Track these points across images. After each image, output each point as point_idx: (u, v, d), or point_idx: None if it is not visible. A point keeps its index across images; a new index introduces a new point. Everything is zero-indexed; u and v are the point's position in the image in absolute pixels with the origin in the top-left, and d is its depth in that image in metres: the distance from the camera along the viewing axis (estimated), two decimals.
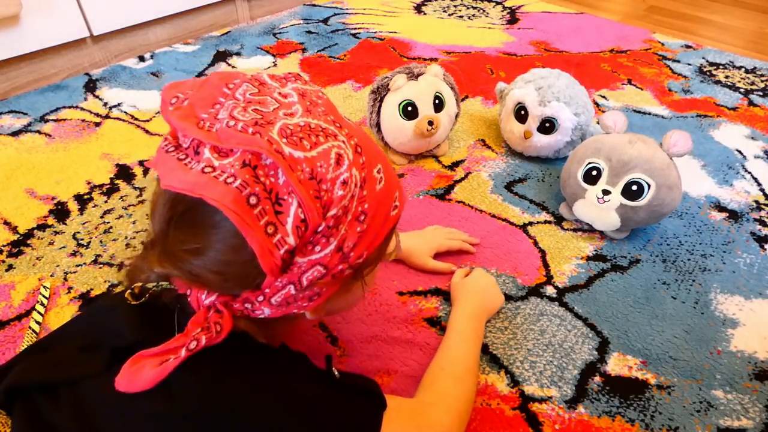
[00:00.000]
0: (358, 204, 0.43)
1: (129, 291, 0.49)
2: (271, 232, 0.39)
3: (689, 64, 1.52)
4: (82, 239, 0.90)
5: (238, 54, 1.53)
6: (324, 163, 0.41)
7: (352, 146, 0.43)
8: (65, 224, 0.93)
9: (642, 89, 1.39)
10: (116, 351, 0.46)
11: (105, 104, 1.29)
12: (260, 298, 0.44)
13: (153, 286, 0.49)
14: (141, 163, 1.09)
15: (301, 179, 0.39)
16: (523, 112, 1.05)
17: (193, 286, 0.45)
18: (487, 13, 1.83)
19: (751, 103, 1.34)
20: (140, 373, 0.41)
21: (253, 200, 0.38)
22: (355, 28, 1.68)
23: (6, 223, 0.93)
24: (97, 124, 1.21)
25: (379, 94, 1.04)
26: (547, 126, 1.03)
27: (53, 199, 0.98)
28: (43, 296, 0.79)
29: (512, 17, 1.80)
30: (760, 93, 1.39)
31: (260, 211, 0.38)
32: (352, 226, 0.43)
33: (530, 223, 0.96)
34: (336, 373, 0.51)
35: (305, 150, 0.40)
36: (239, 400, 0.44)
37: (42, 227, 0.93)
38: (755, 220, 0.98)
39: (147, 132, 1.19)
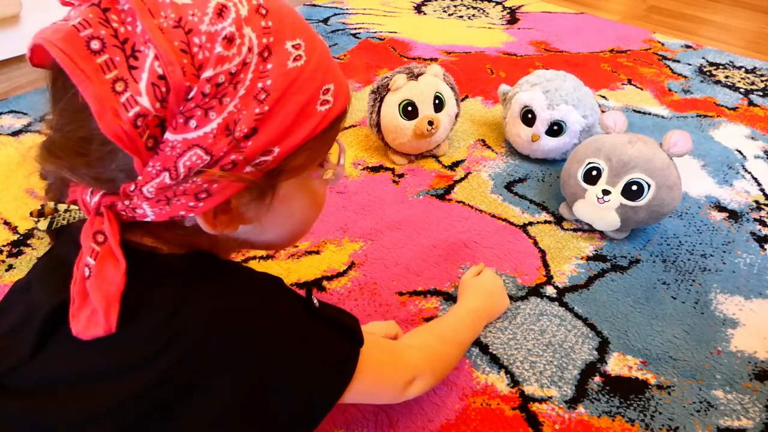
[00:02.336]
0: (255, 77, 0.35)
1: (38, 210, 0.41)
2: (120, 90, 0.32)
3: (689, 64, 1.52)
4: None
5: None
6: (198, 11, 0.33)
7: (251, 4, 0.36)
8: None
9: (642, 89, 1.39)
10: (47, 321, 0.39)
11: None
12: (132, 188, 0.35)
13: (64, 210, 0.41)
14: None
15: (162, 26, 0.32)
16: (530, 116, 1.05)
17: (76, 180, 0.37)
18: (487, 13, 1.83)
19: (751, 103, 1.34)
20: (93, 320, 0.36)
21: (95, 45, 0.32)
22: (355, 28, 1.68)
23: (6, 223, 0.93)
24: None
25: (379, 94, 1.04)
26: (555, 129, 1.03)
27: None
28: None
29: (512, 17, 1.80)
30: (760, 93, 1.39)
31: (106, 61, 0.32)
32: (247, 105, 0.35)
33: (530, 223, 0.96)
34: (315, 302, 0.47)
35: None
36: (216, 321, 0.40)
37: None
38: (755, 220, 0.98)
39: None
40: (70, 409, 0.38)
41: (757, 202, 1.03)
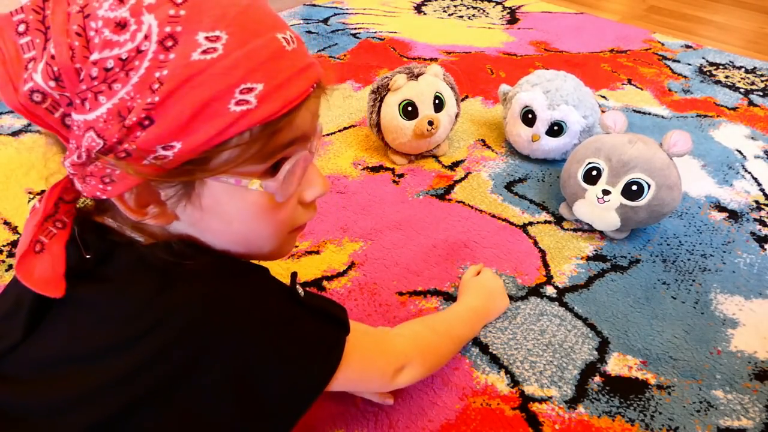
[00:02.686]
0: (153, 66, 0.34)
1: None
2: (30, 68, 0.34)
3: (689, 64, 1.52)
4: None
5: None
6: None
7: None
8: None
9: (642, 89, 1.39)
10: (33, 305, 0.41)
11: None
12: (62, 160, 0.39)
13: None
14: None
15: (69, 12, 0.34)
16: (530, 116, 1.04)
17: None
18: (487, 13, 1.83)
19: (751, 103, 1.34)
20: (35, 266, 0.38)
21: (21, 27, 0.35)
22: (355, 28, 1.68)
23: (6, 223, 0.93)
24: None
25: (379, 94, 1.04)
26: (556, 129, 1.03)
27: None
28: None
29: (512, 17, 1.80)
30: (760, 93, 1.39)
31: (27, 43, 0.34)
32: (141, 93, 0.34)
33: (530, 223, 0.96)
34: (300, 291, 0.47)
35: None
36: (203, 309, 0.40)
37: None
38: (755, 220, 0.98)
39: None
40: (58, 392, 0.39)
41: (757, 202, 1.03)
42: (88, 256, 0.41)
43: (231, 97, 0.36)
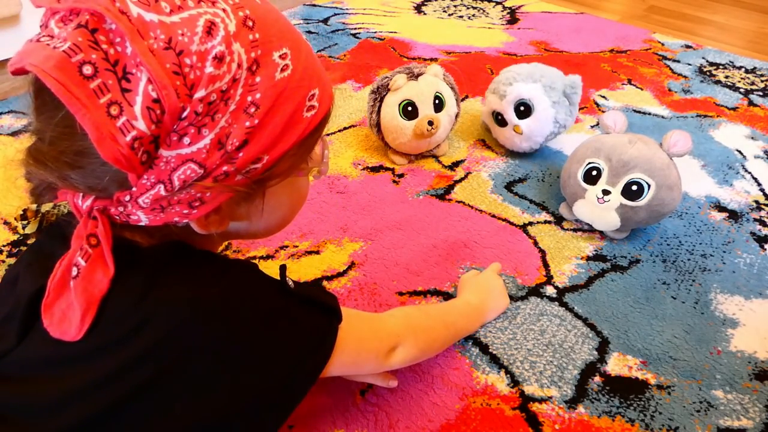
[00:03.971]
0: (245, 91, 0.36)
1: (20, 214, 0.42)
2: (115, 114, 0.32)
3: (689, 64, 1.52)
4: None
5: None
6: (188, 31, 0.33)
7: (238, 17, 0.36)
8: None
9: (642, 89, 1.39)
10: (28, 308, 0.40)
11: None
12: (127, 198, 0.37)
13: (51, 208, 0.43)
14: None
15: (153, 48, 0.32)
16: (500, 117, 1.06)
17: (67, 188, 0.39)
18: (487, 13, 1.83)
19: (751, 103, 1.34)
20: (68, 316, 0.37)
21: (87, 70, 0.32)
22: (355, 28, 1.68)
23: (6, 223, 0.93)
24: None
25: (379, 94, 1.04)
26: (523, 109, 1.03)
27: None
28: None
29: (512, 17, 1.80)
30: (760, 93, 1.39)
31: (99, 86, 0.32)
32: (238, 118, 0.36)
33: (530, 223, 0.96)
34: (290, 283, 0.47)
35: (161, 13, 0.33)
36: (190, 309, 0.40)
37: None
38: (755, 220, 0.98)
39: None
40: (49, 391, 0.39)
41: (757, 202, 1.03)
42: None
43: (304, 105, 0.40)
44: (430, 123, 1.00)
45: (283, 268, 0.48)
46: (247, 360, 0.42)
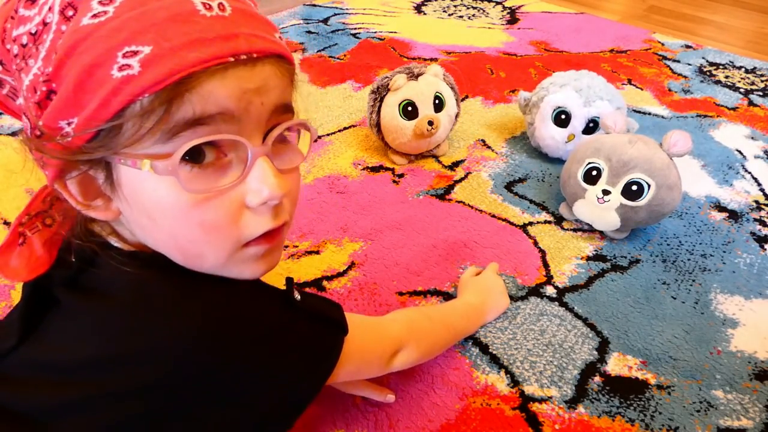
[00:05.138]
0: (55, 37, 0.33)
1: None
2: None
3: (689, 64, 1.52)
4: None
5: None
6: None
7: None
8: None
9: (642, 89, 1.39)
10: (28, 310, 0.40)
11: None
12: None
13: None
14: None
15: None
16: (563, 116, 1.04)
17: None
18: (487, 13, 1.83)
19: (751, 103, 1.34)
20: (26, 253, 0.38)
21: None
22: (355, 28, 1.68)
23: (6, 223, 0.93)
24: None
25: (379, 94, 1.04)
26: (591, 126, 1.03)
27: None
28: None
29: (512, 17, 1.80)
30: (760, 93, 1.39)
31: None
32: (45, 66, 0.34)
33: (530, 223, 0.96)
34: (297, 296, 0.46)
35: None
36: (195, 322, 0.39)
37: None
38: (755, 220, 0.98)
39: None
40: (44, 397, 0.38)
41: (757, 202, 1.03)
42: (73, 259, 0.40)
43: (113, 62, 0.32)
44: (430, 123, 1.00)
45: (290, 280, 0.47)
46: (250, 377, 0.42)
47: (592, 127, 1.03)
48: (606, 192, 0.86)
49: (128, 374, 0.38)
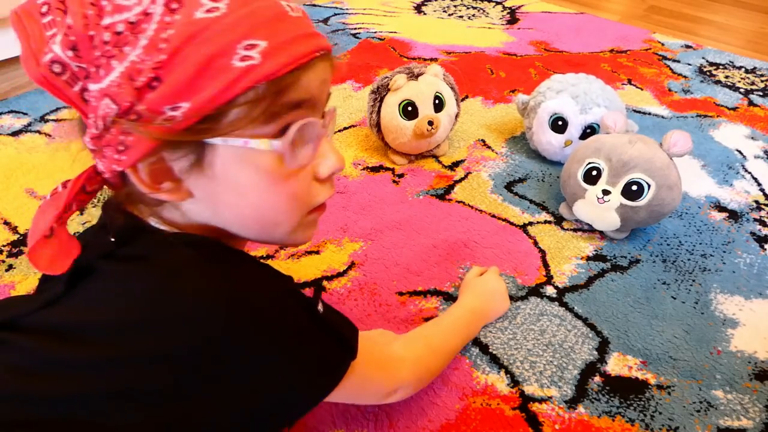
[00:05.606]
0: (159, 27, 0.35)
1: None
2: (51, 42, 0.36)
3: (689, 64, 1.52)
4: None
5: None
6: None
7: None
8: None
9: (642, 89, 1.39)
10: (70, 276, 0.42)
11: None
12: (85, 139, 0.39)
13: None
14: None
15: None
16: (560, 123, 1.04)
17: None
18: (487, 13, 1.83)
19: (751, 103, 1.34)
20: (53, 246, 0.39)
21: (44, 8, 0.36)
22: (355, 28, 1.68)
23: (6, 223, 0.93)
24: None
25: (379, 94, 1.04)
26: (588, 132, 1.03)
27: None
28: None
29: (512, 17, 1.80)
30: (760, 93, 1.39)
31: (50, 21, 0.36)
32: (149, 54, 0.35)
33: (530, 223, 0.96)
34: (320, 307, 0.48)
35: None
36: (223, 301, 0.41)
37: None
38: (755, 220, 0.98)
39: None
40: (75, 353, 0.40)
41: (757, 202, 1.03)
42: (112, 240, 0.42)
43: (234, 53, 0.36)
44: (430, 123, 1.00)
45: (318, 290, 0.49)
46: (259, 366, 0.43)
47: (589, 133, 1.03)
48: (606, 192, 0.86)
49: (148, 340, 0.39)
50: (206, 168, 0.40)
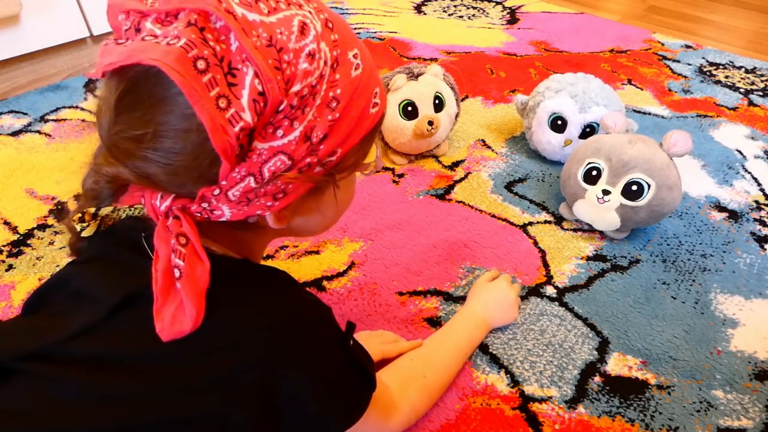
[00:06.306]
0: (328, 87, 0.38)
1: (78, 216, 0.43)
2: (224, 106, 0.34)
3: (689, 64, 1.52)
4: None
5: None
6: (285, 30, 0.36)
7: (321, 20, 0.38)
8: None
9: (642, 89, 1.39)
10: (115, 308, 0.41)
11: None
12: (216, 192, 0.38)
13: (110, 212, 0.44)
14: None
15: (257, 45, 0.34)
16: (560, 122, 1.04)
17: (144, 188, 0.39)
18: (487, 13, 1.83)
19: (751, 103, 1.34)
20: (178, 317, 0.38)
21: (201, 65, 0.33)
22: (355, 28, 1.68)
23: (6, 223, 0.93)
24: None
25: None
26: (588, 131, 1.03)
27: (53, 199, 0.98)
28: None
29: (512, 17, 1.80)
30: (760, 93, 1.39)
31: (210, 80, 0.33)
32: (322, 113, 0.38)
33: (530, 223, 0.96)
34: (351, 341, 0.50)
35: (261, 13, 0.35)
36: (275, 341, 0.42)
37: (42, 227, 0.93)
38: (755, 220, 0.98)
39: None
40: (122, 384, 0.39)
41: (757, 202, 1.03)
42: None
43: (371, 102, 0.43)
44: (430, 123, 1.00)
45: (350, 326, 0.50)
46: (291, 394, 0.44)
47: (588, 132, 1.03)
48: (606, 192, 0.86)
49: (199, 367, 0.40)
50: (325, 193, 0.45)
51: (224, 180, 0.37)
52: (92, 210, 0.42)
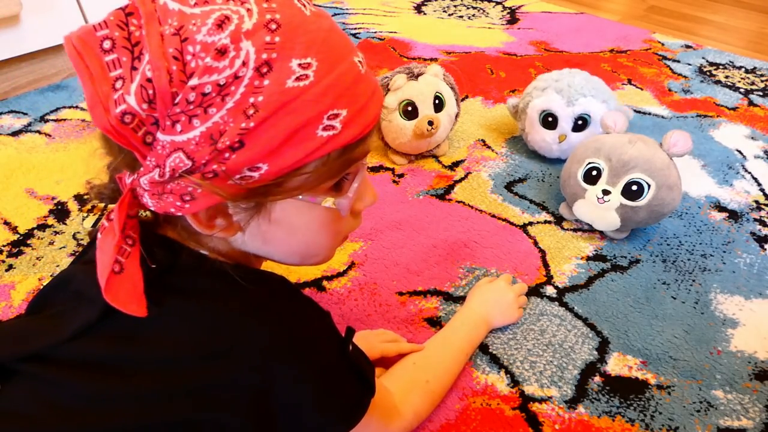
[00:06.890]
0: (248, 91, 0.34)
1: (87, 209, 0.43)
2: (118, 87, 0.34)
3: (689, 64, 1.52)
4: (82, 239, 0.90)
5: None
6: (200, 21, 0.34)
7: (262, 18, 0.35)
8: (65, 224, 0.93)
9: (642, 89, 1.39)
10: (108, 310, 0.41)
11: None
12: (135, 176, 0.38)
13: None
14: None
15: (164, 33, 0.33)
16: (551, 119, 1.04)
17: (122, 166, 0.40)
18: (487, 13, 1.83)
19: (751, 103, 1.34)
20: (124, 288, 0.38)
21: (107, 44, 0.34)
22: (355, 28, 1.68)
23: (6, 223, 0.93)
24: None
25: None
26: (580, 123, 1.03)
27: (53, 199, 0.98)
28: None
29: (512, 17, 1.80)
30: (760, 93, 1.39)
31: (114, 60, 0.34)
32: (235, 117, 0.35)
33: (530, 223, 0.96)
34: (350, 347, 0.50)
35: (185, 4, 0.34)
36: (272, 348, 0.42)
37: (42, 227, 0.93)
38: (755, 220, 0.98)
39: None
40: (120, 387, 0.39)
41: (757, 202, 1.03)
42: (153, 266, 0.41)
43: (320, 123, 0.37)
44: (430, 123, 1.00)
45: (350, 332, 0.50)
46: (302, 401, 0.44)
47: (581, 124, 1.03)
48: (606, 192, 0.86)
49: (198, 371, 0.40)
50: (263, 214, 0.42)
51: (142, 166, 0.37)
52: (102, 205, 0.43)
